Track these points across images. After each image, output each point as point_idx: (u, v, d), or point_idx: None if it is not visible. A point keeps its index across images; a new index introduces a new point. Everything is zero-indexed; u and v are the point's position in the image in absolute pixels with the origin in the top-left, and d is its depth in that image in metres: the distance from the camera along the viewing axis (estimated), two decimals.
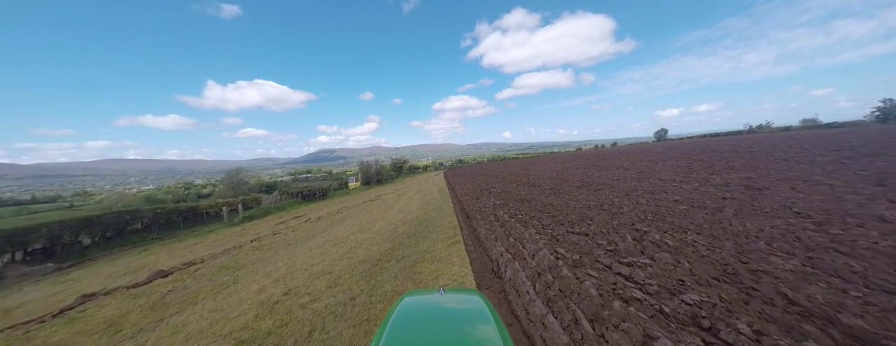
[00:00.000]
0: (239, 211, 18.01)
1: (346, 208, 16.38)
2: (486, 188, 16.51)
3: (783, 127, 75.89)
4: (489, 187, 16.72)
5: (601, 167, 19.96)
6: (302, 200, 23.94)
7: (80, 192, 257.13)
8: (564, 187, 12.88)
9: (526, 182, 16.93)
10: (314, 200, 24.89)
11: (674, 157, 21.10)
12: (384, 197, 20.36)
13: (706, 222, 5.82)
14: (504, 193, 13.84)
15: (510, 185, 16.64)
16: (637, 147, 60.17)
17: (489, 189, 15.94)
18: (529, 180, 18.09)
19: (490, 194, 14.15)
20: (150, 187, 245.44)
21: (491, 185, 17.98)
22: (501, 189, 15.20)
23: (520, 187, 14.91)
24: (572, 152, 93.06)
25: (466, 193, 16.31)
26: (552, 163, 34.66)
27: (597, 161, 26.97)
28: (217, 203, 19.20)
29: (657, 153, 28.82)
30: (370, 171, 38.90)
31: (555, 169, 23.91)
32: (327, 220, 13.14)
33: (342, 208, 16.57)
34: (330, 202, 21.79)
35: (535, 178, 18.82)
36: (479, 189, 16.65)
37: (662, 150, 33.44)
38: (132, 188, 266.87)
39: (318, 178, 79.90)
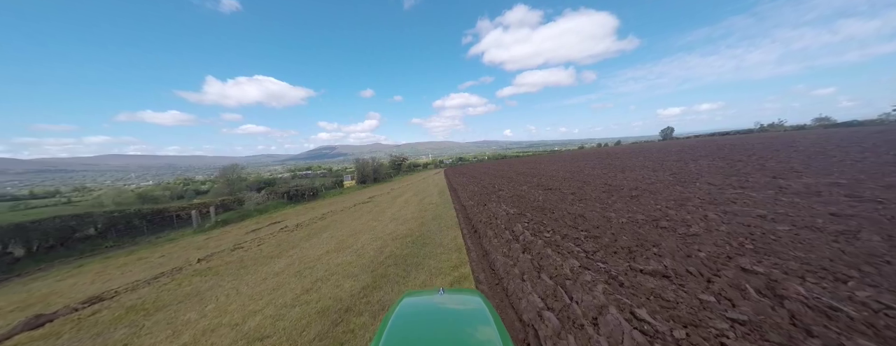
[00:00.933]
0: (211, 215, 15.90)
1: (333, 213, 14.27)
2: (494, 191, 14.38)
3: (797, 126, 73.61)
4: (497, 190, 14.59)
5: (620, 167, 17.81)
6: (288, 200, 21.84)
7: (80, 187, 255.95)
8: (589, 192, 10.73)
9: (538, 184, 14.80)
10: (303, 200, 22.77)
11: (701, 156, 18.94)
12: (378, 199, 18.23)
13: (858, 260, 3.67)
14: (516, 198, 11.70)
15: (521, 187, 14.51)
16: (645, 146, 57.88)
17: (497, 192, 13.82)
18: (542, 181, 15.97)
19: (499, 199, 12.02)
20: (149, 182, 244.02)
21: (498, 187, 15.86)
22: (512, 193, 13.07)
23: (534, 191, 12.77)
24: (576, 151, 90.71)
25: (471, 196, 14.18)
26: (560, 162, 32.45)
27: (610, 160, 24.79)
28: (190, 205, 17.11)
29: (674, 152, 26.56)
30: (366, 169, 36.77)
31: (566, 168, 21.76)
32: (305, 229, 11.04)
33: (328, 213, 14.46)
34: (318, 204, 19.68)
35: (548, 179, 16.69)
36: (486, 192, 14.53)
37: (679, 148, 31.19)
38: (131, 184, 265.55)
39: (317, 174, 77.85)
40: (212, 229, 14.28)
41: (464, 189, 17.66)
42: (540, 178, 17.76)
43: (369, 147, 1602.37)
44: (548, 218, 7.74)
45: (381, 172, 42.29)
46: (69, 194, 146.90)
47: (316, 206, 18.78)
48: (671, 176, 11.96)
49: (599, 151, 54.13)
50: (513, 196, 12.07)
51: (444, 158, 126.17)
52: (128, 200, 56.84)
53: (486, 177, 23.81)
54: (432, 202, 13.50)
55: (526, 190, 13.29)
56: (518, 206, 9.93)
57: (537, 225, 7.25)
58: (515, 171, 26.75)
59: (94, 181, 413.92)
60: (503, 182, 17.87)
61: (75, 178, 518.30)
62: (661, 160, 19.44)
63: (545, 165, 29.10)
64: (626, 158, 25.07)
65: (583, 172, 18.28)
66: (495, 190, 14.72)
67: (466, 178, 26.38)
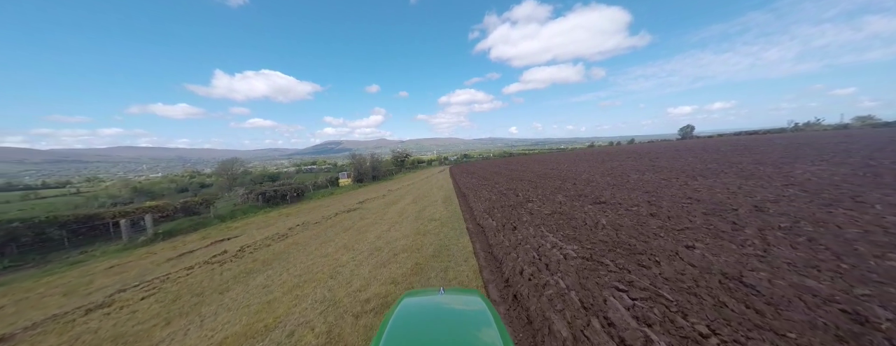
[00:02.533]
0: (147, 226, 12.40)
1: (303, 227, 10.63)
2: (518, 202, 10.61)
3: (838, 125, 68.04)
4: (523, 200, 10.81)
5: (685, 171, 13.85)
6: (264, 203, 18.33)
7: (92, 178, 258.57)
8: (679, 212, 6.85)
9: (578, 193, 10.98)
10: (283, 203, 19.23)
11: (780, 160, 14.85)
12: (368, 206, 14.60)
13: None
14: (560, 217, 7.88)
15: (554, 196, 10.71)
16: (670, 145, 53.16)
17: (524, 205, 10.05)
18: (579, 188, 12.14)
19: (533, 217, 8.24)
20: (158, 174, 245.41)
21: (522, 194, 12.09)
22: (547, 205, 9.29)
23: (579, 204, 8.97)
24: (591, 149, 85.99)
25: (488, 209, 10.43)
26: (584, 161, 28.12)
27: (651, 160, 20.71)
28: (132, 210, 13.70)
29: (717, 152, 21.77)
30: (363, 166, 33.13)
31: (599, 170, 17.85)
32: (239, 262, 7.37)
33: (297, 227, 10.81)
34: (297, 210, 16.11)
35: (585, 184, 12.85)
36: (507, 203, 10.76)
37: (728, 149, 26.73)
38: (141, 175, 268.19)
39: (321, 169, 74.87)
40: (147, 245, 10.81)
41: (476, 195, 13.90)
42: (573, 183, 13.89)
43: (374, 142, 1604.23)
44: (656, 275, 3.95)
45: (381, 169, 38.64)
46: (79, 185, 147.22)
47: (292, 212, 15.19)
48: (780, 186, 8.04)
49: (621, 150, 49.70)
50: (553, 214, 8.27)
51: (449, 155, 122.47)
52: (124, 194, 54.55)
53: (500, 179, 20.00)
54: (435, 217, 9.77)
55: (565, 202, 9.48)
56: (574, 236, 6.13)
57: (649, 296, 3.47)
58: (533, 172, 22.87)
59: (107, 172, 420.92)
60: (525, 187, 14.06)
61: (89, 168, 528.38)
62: (732, 162, 15.39)
63: (567, 165, 25.10)
64: (671, 158, 20.97)
65: (627, 176, 14.35)
66: (520, 200, 10.93)
67: (476, 179, 22.57)
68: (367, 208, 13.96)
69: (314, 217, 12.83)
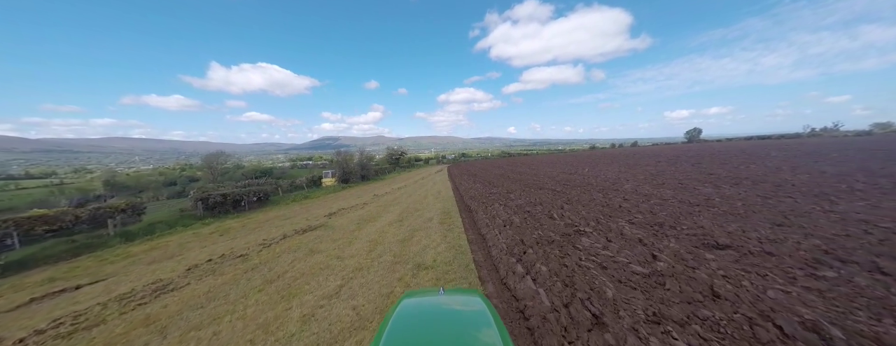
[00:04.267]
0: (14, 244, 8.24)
1: (203, 272, 6.52)
2: (564, 235, 6.59)
3: (860, 131, 64.89)
4: (567, 229, 6.78)
5: (751, 182, 9.93)
6: (206, 212, 14.12)
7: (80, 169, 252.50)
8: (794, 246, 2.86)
9: (643, 217, 7.02)
10: (233, 212, 15.09)
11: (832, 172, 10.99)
12: (337, 221, 10.67)
13: None
14: (674, 285, 3.85)
15: (614, 222, 6.69)
16: (683, 149, 49.28)
17: (574, 239, 6.03)
18: (636, 206, 8.17)
19: (621, 287, 4.20)
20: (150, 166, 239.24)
21: (556, 213, 8.08)
22: (629, 250, 5.25)
23: (676, 246, 4.95)
24: (592, 151, 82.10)
25: (517, 247, 6.42)
26: (600, 164, 23.30)
27: (686, 166, 16.62)
28: None
29: (769, 158, 17.60)
30: (349, 165, 28.90)
31: (629, 175, 13.71)
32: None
33: (192, 270, 6.70)
34: (244, 223, 12.02)
35: (638, 199, 8.88)
36: (544, 235, 6.73)
37: (777, 154, 22.74)
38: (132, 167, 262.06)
39: (317, 165, 70.88)
40: None
41: (487, 212, 9.90)
42: (620, 196, 9.88)
43: (372, 139, 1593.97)
44: None
45: (371, 168, 34.47)
46: (64, 176, 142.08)
47: (236, 227, 11.10)
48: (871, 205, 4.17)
49: (631, 152, 45.89)
50: (654, 278, 4.26)
51: (447, 153, 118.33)
52: (122, 182, 49.97)
53: (512, 185, 15.98)
54: (426, 263, 5.72)
55: (650, 242, 5.44)
56: None
57: None
58: (548, 176, 18.88)
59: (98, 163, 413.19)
60: (552, 201, 10.06)
61: (81, 159, 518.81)
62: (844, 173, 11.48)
63: (588, 169, 21.11)
64: (717, 163, 16.98)
65: (694, 188, 10.38)
66: (562, 229, 6.91)
67: (481, 184, 18.55)
68: (332, 227, 9.92)
69: (251, 242, 8.76)
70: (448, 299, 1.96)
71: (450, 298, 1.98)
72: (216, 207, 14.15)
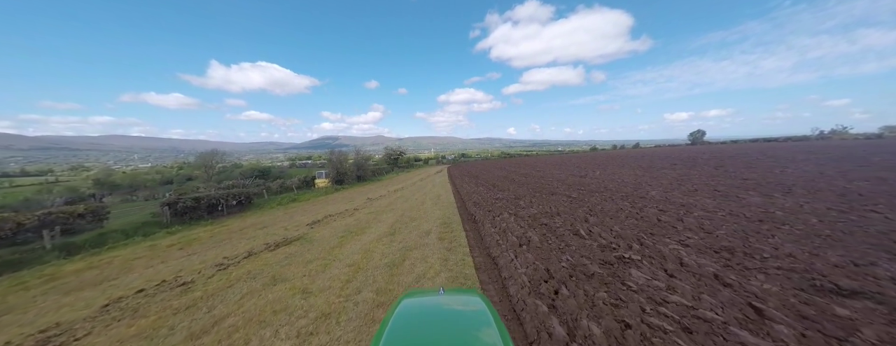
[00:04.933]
0: None
1: (133, 303, 4.89)
2: (606, 268, 4.99)
3: (871, 134, 63.49)
4: (605, 255, 5.18)
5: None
6: (174, 218, 12.48)
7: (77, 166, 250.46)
8: None
9: (696, 238, 5.37)
10: (207, 218, 13.49)
11: None
12: (318, 233, 9.17)
13: None
14: None
15: (664, 245, 5.09)
16: (684, 151, 47.67)
17: (622, 272, 4.43)
18: (636, 206, 6.68)
19: (663, 318, 2.61)
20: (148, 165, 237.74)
21: (582, 229, 6.49)
22: (712, 297, 3.65)
23: (678, 247, 3.36)
24: (594, 152, 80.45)
25: (546, 283, 4.82)
26: (610, 166, 21.37)
27: (709, 170, 14.91)
28: None
29: (769, 160, 15.27)
30: (343, 165, 27.24)
31: (650, 180, 11.98)
32: None
33: (125, 298, 5.08)
34: (213, 233, 10.40)
35: (678, 210, 7.27)
36: (579, 267, 5.13)
37: (780, 157, 21.11)
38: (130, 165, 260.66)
39: (316, 164, 69.44)
40: None
41: (496, 226, 8.33)
42: (653, 207, 8.28)
43: (372, 139, 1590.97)
44: None
45: (367, 168, 32.83)
46: (60, 174, 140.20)
47: (202, 238, 9.51)
48: None
49: (638, 154, 44.31)
50: None
51: (447, 154, 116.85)
52: (120, 180, 48.35)
53: (518, 189, 14.39)
54: None
55: (729, 278, 3.85)
56: None
57: None
58: (558, 179, 17.30)
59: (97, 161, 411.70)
60: (571, 211, 8.48)
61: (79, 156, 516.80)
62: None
63: (600, 171, 19.53)
64: (744, 167, 15.35)
65: (738, 197, 8.79)
66: (600, 256, 5.31)
67: (484, 187, 16.95)
68: (310, 241, 8.33)
69: (208, 262, 7.16)
70: (448, 299, 1.95)
71: (450, 298, 1.98)
72: (187, 213, 12.52)
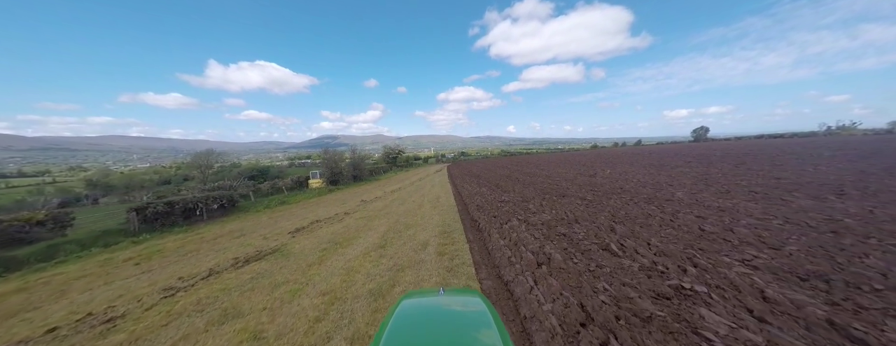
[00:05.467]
0: None
1: None
2: (613, 265, 3.72)
3: (882, 129, 62.23)
4: (616, 252, 3.94)
5: (767, 179, 7.11)
6: (144, 224, 11.22)
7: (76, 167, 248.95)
8: None
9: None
10: (183, 224, 12.24)
11: None
12: (298, 243, 8.00)
13: None
14: None
15: (661, 237, 3.95)
16: (690, 148, 46.31)
17: (667, 287, 3.18)
18: (667, 212, 5.43)
19: None
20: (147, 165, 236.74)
21: (587, 223, 5.26)
22: (706, 276, 2.43)
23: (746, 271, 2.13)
24: (596, 150, 78.99)
25: (563, 293, 3.57)
26: (610, 163, 19.92)
27: (700, 167, 13.59)
28: None
29: (793, 158, 13.47)
30: (338, 166, 25.95)
31: (645, 176, 10.67)
32: None
33: None
34: (183, 243, 9.13)
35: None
36: (574, 255, 3.86)
37: (804, 155, 19.74)
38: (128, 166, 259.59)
39: (315, 164, 68.21)
40: None
41: (501, 231, 7.10)
42: (711, 222, 7.01)
43: (371, 138, 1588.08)
44: None
45: (363, 168, 31.56)
46: (57, 175, 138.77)
47: (162, 251, 8.20)
48: None
49: (648, 151, 42.97)
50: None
51: (447, 152, 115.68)
52: (115, 181, 47.26)
53: (526, 190, 13.15)
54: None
55: None
56: None
57: None
58: (569, 180, 16.04)
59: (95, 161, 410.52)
60: (588, 213, 7.23)
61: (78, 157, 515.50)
62: None
63: (616, 171, 18.27)
64: (776, 167, 14.03)
65: (782, 200, 7.53)
66: (647, 279, 4.07)
67: (487, 187, 15.70)
68: (287, 255, 7.09)
69: (157, 285, 5.93)
70: (448, 299, 1.94)
71: (450, 298, 1.96)
72: (159, 219, 11.26)
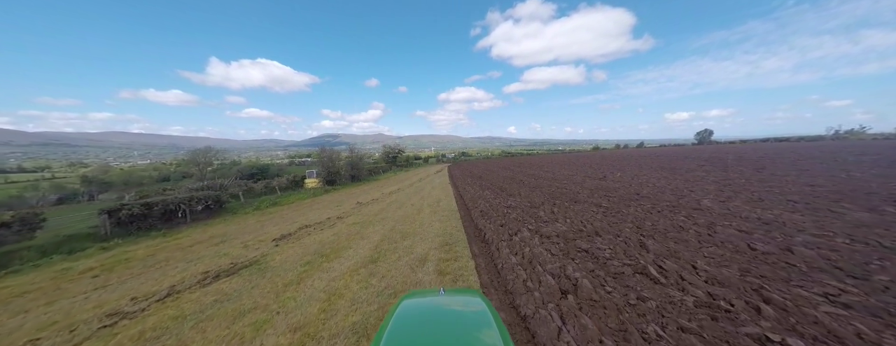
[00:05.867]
0: None
1: None
2: (660, 297, 2.75)
3: (890, 134, 61.11)
4: (658, 279, 2.98)
5: (798, 186, 6.13)
6: (117, 228, 10.27)
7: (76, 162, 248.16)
8: None
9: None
10: (161, 228, 11.31)
11: None
12: (286, 250, 7.00)
13: None
14: None
15: (706, 258, 3.04)
16: (698, 151, 45.23)
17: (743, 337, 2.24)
18: (699, 224, 4.56)
19: None
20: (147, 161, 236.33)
21: (609, 235, 4.32)
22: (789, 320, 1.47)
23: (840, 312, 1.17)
24: (598, 152, 77.89)
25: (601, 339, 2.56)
26: (618, 165, 19.62)
27: (715, 172, 12.51)
28: None
29: (817, 162, 15.14)
30: (335, 165, 24.98)
31: (661, 181, 9.66)
32: None
33: None
34: (155, 250, 8.13)
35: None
36: (606, 280, 2.89)
37: (827, 159, 18.66)
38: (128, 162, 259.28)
39: (315, 162, 67.42)
40: None
41: (511, 245, 6.17)
42: (733, 226, 6.05)
43: (372, 137, 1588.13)
44: None
45: (362, 167, 30.61)
46: (57, 170, 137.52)
47: (129, 259, 7.10)
48: None
49: (651, 153, 41.97)
50: None
51: (447, 152, 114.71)
52: (116, 177, 46.48)
53: (532, 193, 12.17)
54: None
55: None
56: None
57: None
58: (569, 180, 15.06)
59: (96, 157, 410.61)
60: (608, 223, 6.26)
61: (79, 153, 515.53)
62: None
63: (638, 176, 17.28)
64: (786, 170, 12.99)
65: (831, 212, 6.56)
66: (711, 324, 3.11)
67: (490, 191, 14.74)
68: (264, 269, 6.16)
69: (105, 307, 4.99)
70: (448, 299, 1.93)
71: (450, 298, 1.95)
72: (134, 222, 10.32)
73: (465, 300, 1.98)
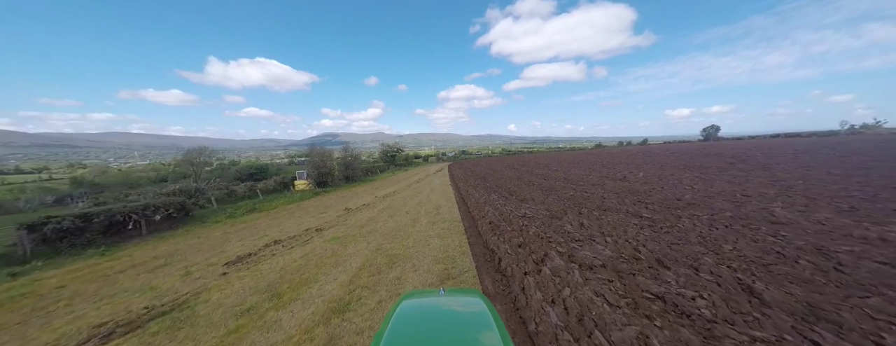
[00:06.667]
0: None
1: None
2: None
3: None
4: None
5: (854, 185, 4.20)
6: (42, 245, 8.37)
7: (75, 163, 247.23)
8: None
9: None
10: (114, 242, 9.37)
11: None
12: (238, 280, 5.05)
13: None
14: None
15: None
16: (707, 147, 43.11)
17: None
18: (800, 249, 2.49)
19: None
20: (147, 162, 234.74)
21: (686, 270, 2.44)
22: None
23: None
24: (601, 149, 75.65)
25: None
26: (633, 164, 17.30)
27: (743, 169, 10.50)
28: None
29: (857, 160, 12.66)
30: (325, 165, 22.99)
31: (699, 183, 7.72)
32: None
33: None
34: (99, 268, 6.23)
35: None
36: None
37: (864, 153, 16.38)
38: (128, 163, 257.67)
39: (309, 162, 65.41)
40: None
41: (544, 288, 4.25)
42: (854, 254, 4.17)
43: (372, 136, 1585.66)
44: None
45: (356, 168, 28.63)
46: (55, 171, 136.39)
47: (24, 296, 5.12)
48: None
49: (659, 150, 39.85)
50: None
51: (447, 151, 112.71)
52: (114, 178, 44.71)
53: (547, 197, 10.21)
54: None
55: None
56: None
57: None
58: (584, 181, 13.08)
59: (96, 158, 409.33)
60: (674, 249, 4.38)
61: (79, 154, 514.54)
62: None
63: (625, 169, 15.27)
64: (831, 167, 11.00)
65: None
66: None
67: (497, 194, 12.77)
68: (190, 316, 4.31)
69: None
70: (448, 299, 1.91)
71: (450, 298, 1.94)
72: (67, 237, 8.39)
73: (465, 300, 1.96)
